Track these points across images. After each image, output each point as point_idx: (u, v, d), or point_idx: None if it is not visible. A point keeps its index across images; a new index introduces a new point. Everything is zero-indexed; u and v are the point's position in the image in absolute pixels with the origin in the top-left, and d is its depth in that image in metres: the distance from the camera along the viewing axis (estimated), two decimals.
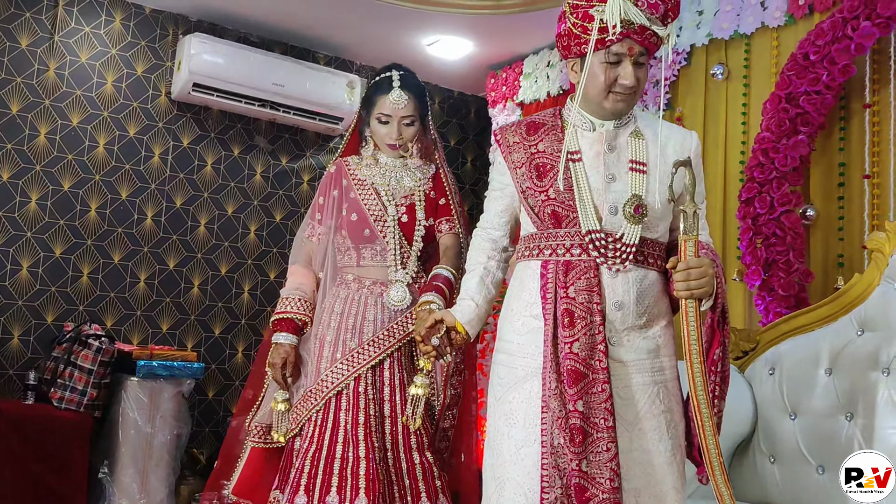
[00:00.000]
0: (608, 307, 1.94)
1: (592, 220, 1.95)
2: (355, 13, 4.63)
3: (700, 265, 1.86)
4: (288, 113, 4.89)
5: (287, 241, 5.08)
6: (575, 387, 1.86)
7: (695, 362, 1.87)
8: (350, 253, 2.73)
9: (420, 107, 2.77)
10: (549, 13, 4.43)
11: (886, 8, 3.08)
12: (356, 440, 2.50)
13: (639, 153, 2.00)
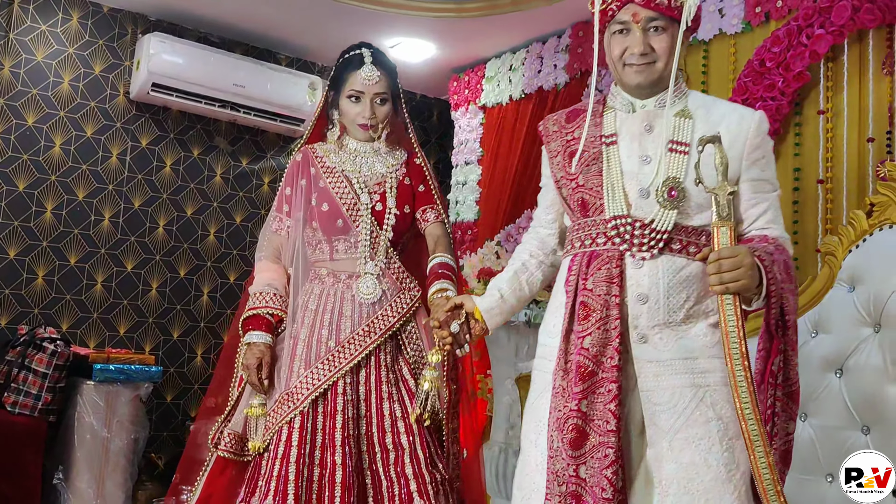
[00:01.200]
0: (630, 300, 1.76)
1: (620, 206, 1.79)
2: (317, 14, 4.61)
3: (734, 254, 1.65)
4: (249, 114, 4.86)
5: (248, 244, 5.05)
6: (581, 384, 1.72)
7: (737, 370, 1.64)
8: (322, 246, 2.53)
9: (392, 85, 2.58)
10: (511, 17, 4.47)
11: (840, 16, 3.15)
12: (333, 445, 2.35)
13: (682, 133, 1.82)
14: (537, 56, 4.78)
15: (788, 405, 1.70)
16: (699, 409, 1.70)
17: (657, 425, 1.72)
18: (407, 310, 2.50)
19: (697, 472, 1.68)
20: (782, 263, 1.71)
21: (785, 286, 1.69)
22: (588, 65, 4.40)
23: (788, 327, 1.69)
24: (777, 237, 1.80)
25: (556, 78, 4.61)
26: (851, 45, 3.25)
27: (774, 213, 1.83)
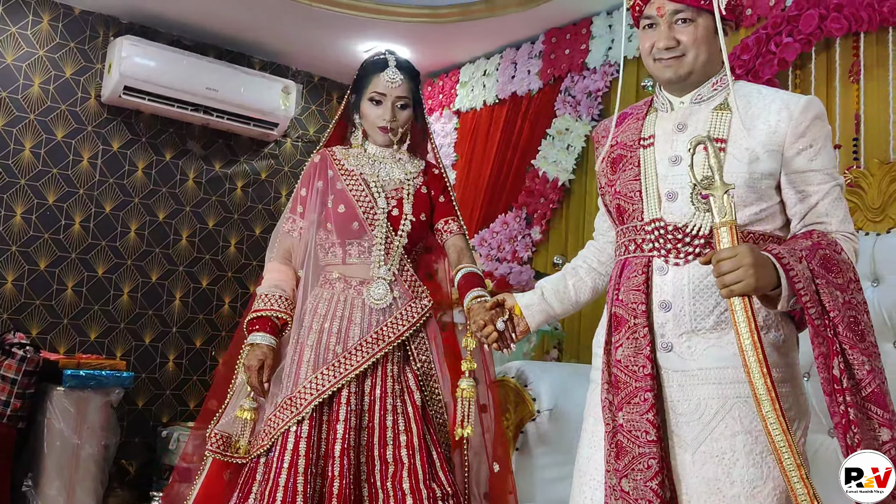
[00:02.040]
0: (655, 308, 1.71)
1: (652, 211, 1.73)
2: (291, 18, 4.60)
3: (732, 254, 1.51)
4: (222, 118, 4.84)
5: (220, 248, 5.02)
6: (618, 396, 1.70)
7: (755, 377, 1.50)
8: (335, 249, 2.50)
9: (414, 92, 2.57)
10: (485, 23, 4.48)
11: (807, 25, 3.20)
12: (331, 455, 2.30)
13: (718, 128, 1.72)
14: (511, 62, 4.80)
15: (867, 410, 1.53)
16: (724, 421, 1.63)
17: (680, 437, 1.67)
18: (417, 319, 2.46)
19: (720, 487, 1.61)
20: (820, 257, 1.57)
21: (821, 280, 1.55)
22: (562, 70, 4.43)
23: (836, 324, 1.54)
24: (829, 231, 1.66)
25: (530, 84, 4.64)
26: (819, 54, 3.30)
27: (829, 206, 1.68)
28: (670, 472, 1.66)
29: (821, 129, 1.69)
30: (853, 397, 1.52)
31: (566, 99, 4.39)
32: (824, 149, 1.69)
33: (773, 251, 1.55)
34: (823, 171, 1.68)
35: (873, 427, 1.52)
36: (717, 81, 1.77)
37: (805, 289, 1.52)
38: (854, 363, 1.53)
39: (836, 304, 1.54)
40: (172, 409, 4.81)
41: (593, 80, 4.26)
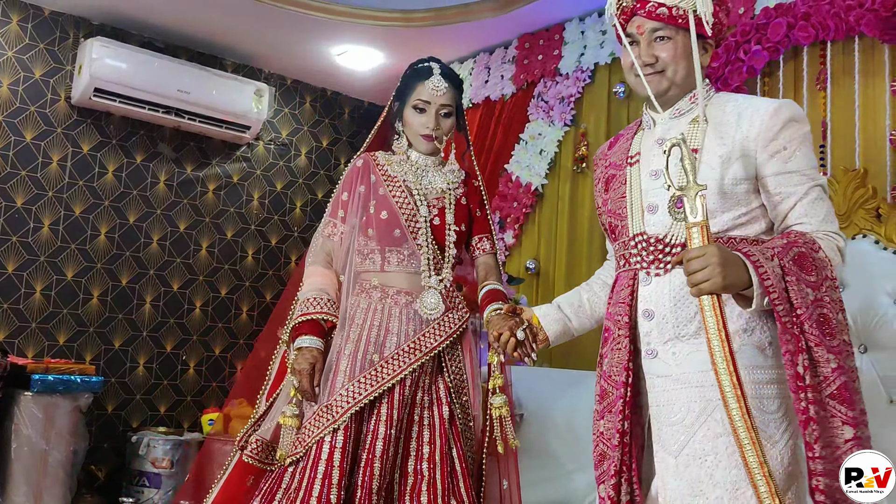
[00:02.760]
0: (639, 317, 1.77)
1: (637, 225, 1.80)
2: (263, 21, 4.59)
3: (700, 253, 1.55)
4: (193, 120, 4.81)
5: (192, 251, 4.98)
6: (599, 405, 1.79)
7: (721, 373, 1.53)
8: (374, 256, 2.47)
9: (457, 100, 2.55)
10: (458, 27, 4.50)
11: (776, 33, 3.24)
12: (370, 469, 2.26)
13: (693, 139, 1.77)
14: (484, 66, 4.82)
15: (831, 409, 1.54)
16: (707, 424, 1.65)
17: (663, 441, 1.70)
18: (454, 330, 2.43)
19: (702, 489, 1.63)
20: (794, 255, 1.59)
21: (792, 278, 1.56)
22: (535, 76, 4.45)
23: (803, 322, 1.55)
24: (809, 231, 1.68)
25: (504, 88, 4.66)
26: (787, 61, 3.35)
27: (808, 207, 1.70)
28: (635, 477, 1.73)
29: (795, 131, 1.72)
30: (815, 394, 1.54)
31: (539, 104, 4.42)
32: (800, 150, 1.71)
33: (743, 250, 1.59)
34: (800, 173, 1.70)
35: (836, 425, 1.53)
36: (693, 95, 1.81)
37: (774, 286, 1.55)
38: (819, 361, 1.54)
39: (805, 301, 1.56)
40: (143, 414, 4.77)
41: (566, 86, 4.29)
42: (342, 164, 5.64)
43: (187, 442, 4.44)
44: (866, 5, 2.96)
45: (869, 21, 2.98)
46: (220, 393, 5.02)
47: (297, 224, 5.44)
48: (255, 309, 5.22)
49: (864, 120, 3.08)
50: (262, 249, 5.28)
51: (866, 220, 2.89)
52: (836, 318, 1.59)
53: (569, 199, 4.24)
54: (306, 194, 5.50)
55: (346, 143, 5.68)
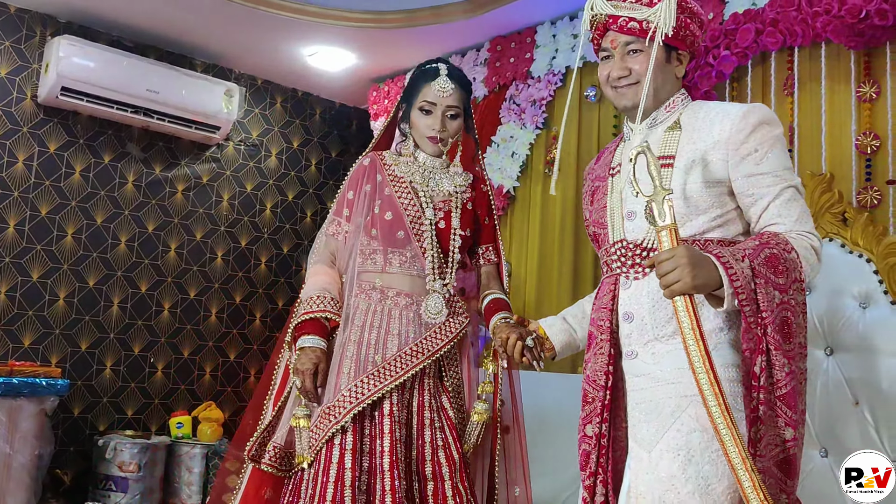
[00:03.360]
0: (620, 320, 1.82)
1: (617, 232, 1.85)
2: (234, 20, 4.55)
3: (671, 255, 1.59)
4: (162, 120, 4.76)
5: (160, 252, 4.93)
6: (583, 409, 1.83)
7: (698, 371, 1.56)
8: (375, 257, 2.43)
9: (465, 102, 2.51)
10: (431, 29, 4.49)
11: (744, 39, 3.28)
12: (381, 470, 2.23)
13: (668, 146, 1.82)
14: None
15: (778, 410, 1.59)
16: (681, 419, 1.67)
17: (638, 438, 1.74)
18: (455, 335, 2.41)
19: (674, 483, 1.65)
20: (766, 256, 1.62)
21: (761, 280, 1.60)
22: (507, 78, 4.46)
23: (767, 325, 1.59)
24: (783, 232, 1.70)
25: (475, 91, 4.65)
26: (755, 67, 3.38)
27: (781, 208, 1.73)
28: (609, 478, 1.76)
29: (767, 133, 1.75)
30: (767, 395, 1.59)
31: (511, 107, 4.43)
32: (772, 152, 1.74)
33: (714, 252, 1.62)
34: (772, 174, 1.73)
35: (780, 425, 1.59)
36: (669, 105, 1.89)
37: (743, 287, 1.58)
38: (775, 364, 1.59)
39: (771, 304, 1.60)
40: (110, 417, 4.71)
41: (538, 89, 4.30)
42: (313, 165, 5.61)
43: (155, 445, 4.40)
44: (833, 12, 3.00)
45: (835, 27, 3.02)
46: (188, 396, 4.97)
47: (267, 225, 5.41)
48: (225, 311, 5.18)
49: (831, 125, 3.12)
50: (231, 251, 5.24)
51: (832, 224, 2.93)
52: (797, 320, 1.64)
53: (540, 201, 4.25)
54: (276, 195, 5.46)
55: (317, 144, 5.65)
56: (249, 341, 5.27)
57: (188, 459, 4.46)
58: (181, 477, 4.44)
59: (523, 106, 4.37)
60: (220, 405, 4.96)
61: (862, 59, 3.07)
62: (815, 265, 1.72)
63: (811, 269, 1.71)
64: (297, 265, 5.51)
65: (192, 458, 4.45)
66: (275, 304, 5.39)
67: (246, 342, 5.25)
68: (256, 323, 5.31)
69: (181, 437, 4.62)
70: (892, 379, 2.51)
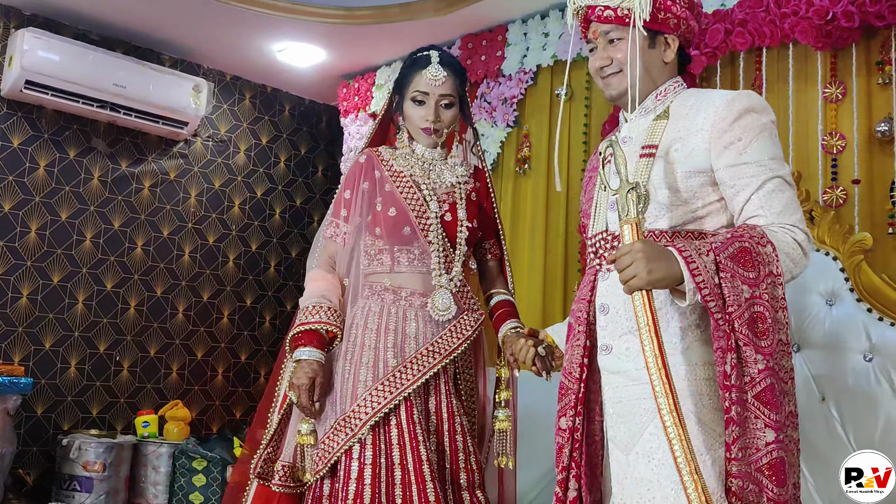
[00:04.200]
0: (596, 312, 1.78)
1: (601, 223, 1.81)
2: (203, 15, 4.50)
3: (628, 249, 1.56)
4: (129, 115, 4.69)
5: (126, 250, 4.86)
6: (559, 403, 1.80)
7: (651, 369, 1.52)
8: (382, 257, 2.33)
9: (459, 89, 2.40)
10: (401, 26, 4.47)
11: (714, 39, 3.31)
12: (422, 481, 2.10)
13: (653, 136, 1.76)
14: None
15: (755, 410, 1.52)
16: (655, 420, 1.60)
17: (616, 439, 1.70)
18: (471, 333, 2.31)
19: (649, 488, 1.62)
20: (735, 250, 1.57)
21: (727, 274, 1.54)
22: (478, 76, 4.46)
23: (734, 320, 1.53)
24: (764, 224, 1.65)
25: None
26: (724, 67, 3.42)
27: (764, 199, 1.66)
28: (583, 473, 1.74)
29: (753, 120, 1.69)
30: (739, 394, 1.52)
31: (482, 105, 4.43)
32: (757, 141, 1.68)
33: (677, 245, 1.59)
34: (757, 164, 1.67)
35: (758, 426, 1.52)
36: (659, 93, 1.84)
37: (705, 282, 1.53)
38: (747, 361, 1.53)
39: (739, 299, 1.54)
40: (74, 417, 4.63)
41: (508, 87, 4.30)
42: (282, 161, 5.57)
43: (121, 444, 4.34)
44: (800, 13, 3.04)
45: (803, 29, 3.06)
46: (154, 394, 4.91)
47: (235, 222, 5.36)
48: (192, 309, 5.12)
49: (798, 125, 3.16)
50: (199, 248, 5.18)
51: None
52: (772, 316, 1.56)
53: (511, 199, 4.26)
54: (245, 192, 5.41)
55: (286, 140, 5.61)
56: (217, 339, 5.21)
57: (154, 459, 4.40)
58: (147, 477, 4.39)
59: (494, 104, 4.37)
60: (187, 404, 4.91)
61: (829, 60, 3.11)
62: (800, 259, 1.65)
63: (794, 264, 1.64)
64: (265, 262, 5.46)
65: (159, 458, 4.39)
66: (243, 302, 5.34)
67: (213, 340, 5.20)
68: (224, 321, 5.26)
69: (147, 436, 4.56)
70: (857, 375, 2.54)
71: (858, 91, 3.02)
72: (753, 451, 1.52)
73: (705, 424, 1.60)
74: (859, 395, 2.52)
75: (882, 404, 2.42)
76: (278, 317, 5.49)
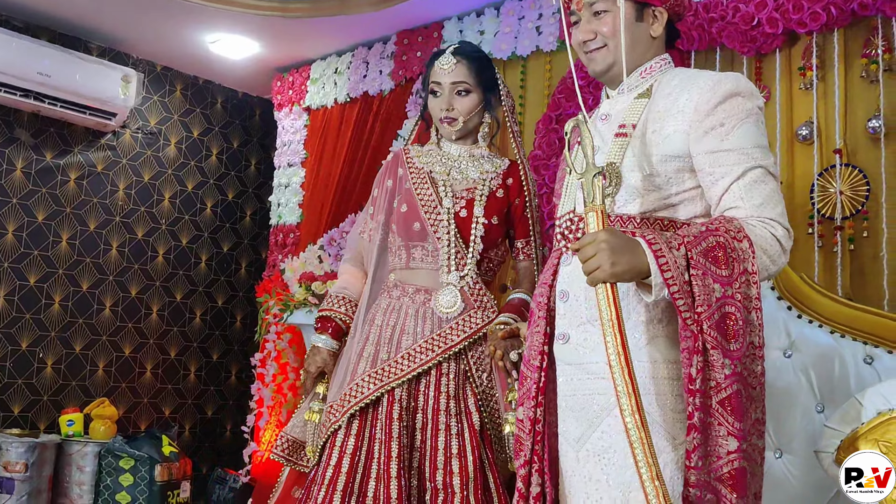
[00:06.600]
0: (556, 299, 1.68)
1: (569, 202, 1.72)
2: (132, 3, 4.39)
3: (592, 239, 1.46)
4: (54, 105, 4.55)
5: (51, 243, 4.73)
6: (520, 391, 1.73)
7: (613, 366, 1.44)
8: (400, 252, 2.34)
9: (478, 76, 2.33)
10: (337, 20, 4.44)
11: None
12: (388, 476, 2.10)
13: (631, 115, 1.67)
14: (363, 60, 4.79)
15: (719, 417, 1.44)
16: (609, 419, 1.54)
17: (567, 434, 1.63)
18: (475, 331, 2.24)
19: (597, 488, 1.54)
20: (708, 246, 1.47)
21: (698, 271, 1.45)
22: (413, 72, 4.45)
23: (702, 320, 1.44)
24: (742, 217, 1.55)
25: (382, 84, 4.64)
26: None
27: (743, 189, 1.56)
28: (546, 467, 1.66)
29: (738, 105, 1.59)
30: (703, 400, 1.44)
31: (417, 101, 4.42)
32: (741, 127, 1.58)
33: (646, 236, 1.48)
34: (739, 151, 1.57)
35: (721, 434, 1.44)
36: (645, 70, 1.74)
37: (674, 278, 1.44)
38: (714, 365, 1.44)
39: (709, 298, 1.44)
40: None
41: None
42: (213, 155, 5.48)
43: (44, 444, 4.22)
44: (727, 18, 3.12)
45: (730, 33, 3.14)
46: (79, 392, 4.79)
47: (164, 216, 5.25)
48: (120, 304, 5.00)
49: None
50: (127, 242, 5.07)
51: None
52: (744, 317, 1.47)
53: None
54: (175, 185, 5.31)
55: (218, 133, 5.52)
56: (146, 335, 5.11)
57: (80, 458, 4.29)
58: (72, 476, 4.27)
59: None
60: (115, 402, 4.79)
61: (754, 64, 3.19)
62: (777, 256, 1.55)
63: (771, 261, 1.55)
64: (196, 257, 5.37)
65: (84, 457, 4.28)
66: (173, 298, 5.24)
67: (142, 336, 5.09)
68: (153, 316, 5.15)
69: (72, 435, 4.44)
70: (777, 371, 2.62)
71: (781, 95, 3.11)
72: (715, 460, 1.44)
73: (659, 425, 1.52)
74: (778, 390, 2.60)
75: (800, 398, 2.50)
76: (209, 312, 5.41)
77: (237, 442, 5.24)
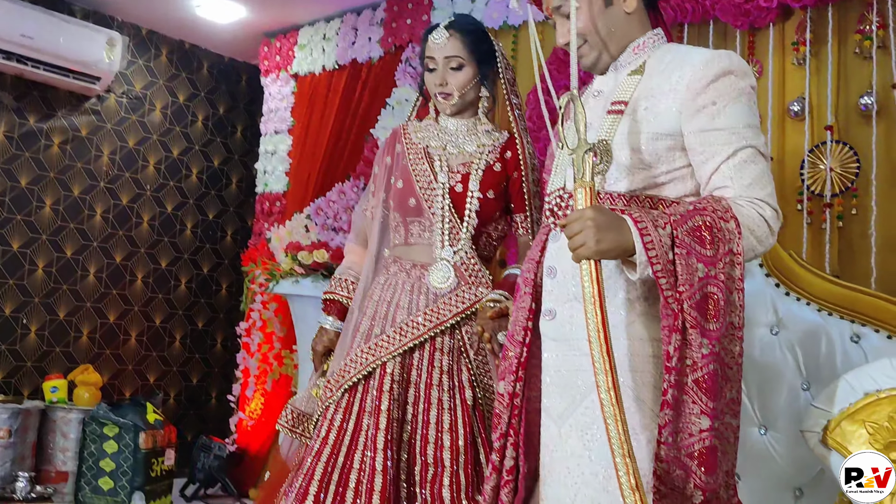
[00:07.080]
0: (543, 275, 1.69)
1: (560, 179, 1.71)
2: None
3: (577, 217, 1.47)
4: (38, 68, 4.48)
5: (34, 208, 4.67)
6: (501, 365, 1.74)
7: (593, 342, 1.45)
8: (399, 229, 2.34)
9: (472, 50, 2.29)
10: None
11: None
12: (374, 448, 2.11)
13: (623, 91, 1.65)
14: (352, 27, 4.72)
15: (693, 395, 1.45)
16: (591, 396, 1.53)
17: (549, 409, 1.63)
18: (468, 306, 2.23)
19: (578, 463, 1.55)
20: (694, 225, 1.48)
21: (682, 251, 1.46)
22: (403, 40, 4.40)
23: (683, 300, 1.45)
24: (730, 197, 1.55)
25: (371, 51, 4.58)
26: None
27: (733, 169, 1.56)
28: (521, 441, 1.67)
29: (730, 84, 1.58)
30: (678, 377, 1.45)
31: (407, 69, 4.38)
32: (732, 106, 1.57)
33: (633, 214, 1.49)
34: (730, 131, 1.56)
35: (694, 412, 1.46)
36: (637, 45, 1.71)
37: (658, 257, 1.45)
38: (692, 344, 1.46)
39: (692, 278, 1.45)
40: None
41: None
42: (199, 121, 5.42)
43: (28, 410, 4.20)
44: None
45: (723, 6, 3.11)
46: (63, 358, 4.76)
47: (149, 182, 5.19)
48: (104, 271, 4.96)
49: None
50: (112, 208, 5.02)
51: None
52: (725, 298, 1.48)
53: None
54: (160, 151, 5.25)
55: (204, 98, 5.45)
56: (130, 302, 5.08)
57: (63, 425, 4.28)
58: (56, 443, 4.26)
59: (419, 69, 4.32)
60: (98, 368, 4.77)
61: (747, 38, 3.17)
62: (765, 237, 1.56)
63: (757, 242, 1.55)
64: (181, 224, 5.33)
65: (68, 424, 4.27)
66: (158, 265, 5.21)
67: (126, 303, 5.06)
68: (138, 283, 5.12)
69: (56, 401, 4.42)
70: (763, 347, 2.62)
71: (774, 70, 3.09)
72: (686, 437, 1.46)
73: (643, 402, 1.52)
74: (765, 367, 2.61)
75: (786, 376, 2.51)
76: (194, 280, 5.38)
77: (222, 410, 5.24)
